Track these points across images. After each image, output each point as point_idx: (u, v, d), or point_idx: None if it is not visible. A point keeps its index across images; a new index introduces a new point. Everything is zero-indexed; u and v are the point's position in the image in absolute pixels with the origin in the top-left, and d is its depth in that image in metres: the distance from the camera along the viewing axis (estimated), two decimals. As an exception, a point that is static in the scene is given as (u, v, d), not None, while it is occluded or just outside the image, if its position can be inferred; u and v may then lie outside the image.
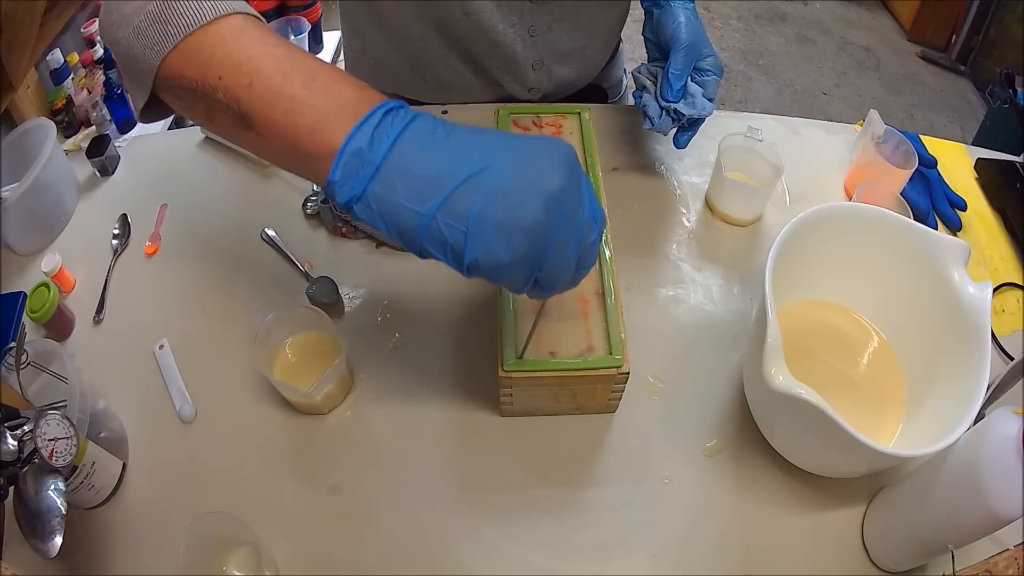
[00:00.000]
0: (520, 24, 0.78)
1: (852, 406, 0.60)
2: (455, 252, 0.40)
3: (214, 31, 0.45)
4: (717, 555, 0.57)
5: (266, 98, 0.43)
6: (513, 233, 0.39)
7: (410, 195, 0.39)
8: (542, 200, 0.39)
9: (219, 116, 0.45)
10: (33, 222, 0.76)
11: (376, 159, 0.39)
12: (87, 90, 1.67)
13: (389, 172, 0.39)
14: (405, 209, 0.39)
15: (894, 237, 0.62)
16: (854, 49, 2.70)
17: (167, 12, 0.45)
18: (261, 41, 0.45)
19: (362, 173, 0.40)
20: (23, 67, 1.40)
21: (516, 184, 0.39)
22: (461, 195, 0.39)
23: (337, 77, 0.43)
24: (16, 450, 0.49)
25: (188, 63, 0.45)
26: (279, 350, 0.65)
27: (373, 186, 0.40)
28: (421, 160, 0.39)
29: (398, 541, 0.57)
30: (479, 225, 0.39)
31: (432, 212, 0.39)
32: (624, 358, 0.57)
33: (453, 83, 0.85)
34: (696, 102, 0.71)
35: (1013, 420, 0.44)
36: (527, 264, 0.40)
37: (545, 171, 0.40)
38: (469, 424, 0.63)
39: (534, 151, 0.40)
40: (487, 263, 0.39)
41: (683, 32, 0.70)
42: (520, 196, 0.39)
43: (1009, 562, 0.47)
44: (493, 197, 0.39)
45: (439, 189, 0.39)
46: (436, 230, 0.39)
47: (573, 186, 0.41)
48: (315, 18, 2.21)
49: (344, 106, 0.41)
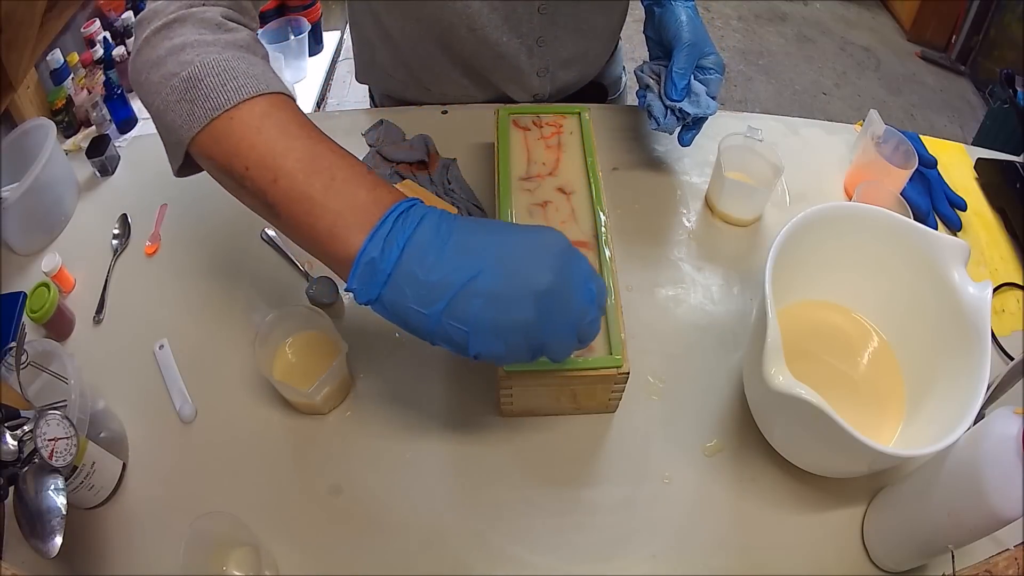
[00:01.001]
0: (529, 35, 0.78)
1: (852, 406, 0.60)
2: (460, 347, 0.43)
3: (238, 118, 0.46)
4: (717, 555, 0.57)
5: (290, 196, 0.45)
6: (508, 332, 0.42)
7: (417, 299, 0.42)
8: (531, 300, 0.42)
9: (248, 199, 0.48)
10: (33, 222, 0.76)
11: (387, 268, 0.43)
12: (87, 90, 1.68)
13: (398, 279, 0.43)
14: (414, 312, 0.43)
15: (894, 237, 0.62)
16: (854, 49, 2.70)
17: (192, 91, 0.47)
18: (284, 132, 0.46)
19: (376, 280, 0.43)
20: (23, 67, 1.40)
21: (507, 287, 0.42)
22: (460, 300, 0.42)
23: (353, 176, 0.46)
24: (16, 450, 0.49)
25: (216, 147, 0.47)
26: (279, 350, 0.65)
27: (386, 291, 0.43)
28: (425, 266, 0.42)
29: (398, 541, 0.57)
30: (477, 326, 0.42)
31: (438, 315, 0.42)
32: (624, 358, 0.57)
33: (457, 95, 0.87)
34: (700, 100, 0.71)
35: (1013, 420, 0.44)
36: (526, 351, 0.44)
37: (533, 272, 0.42)
38: (469, 424, 0.63)
39: (522, 249, 0.43)
40: (489, 355, 0.43)
41: (685, 31, 0.71)
42: (511, 299, 0.42)
43: (1009, 562, 0.47)
44: (488, 301, 0.42)
45: (442, 294, 0.42)
46: (442, 330, 0.43)
47: (561, 281, 0.43)
48: (315, 18, 2.22)
49: (358, 211, 0.44)
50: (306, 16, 2.15)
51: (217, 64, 0.47)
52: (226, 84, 0.46)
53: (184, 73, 0.47)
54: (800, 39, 2.75)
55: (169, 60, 0.48)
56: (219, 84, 0.46)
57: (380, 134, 0.85)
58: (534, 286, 0.42)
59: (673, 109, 0.72)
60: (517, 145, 0.71)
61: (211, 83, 0.46)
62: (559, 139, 0.72)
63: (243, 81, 0.47)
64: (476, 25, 0.75)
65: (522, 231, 0.45)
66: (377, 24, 0.82)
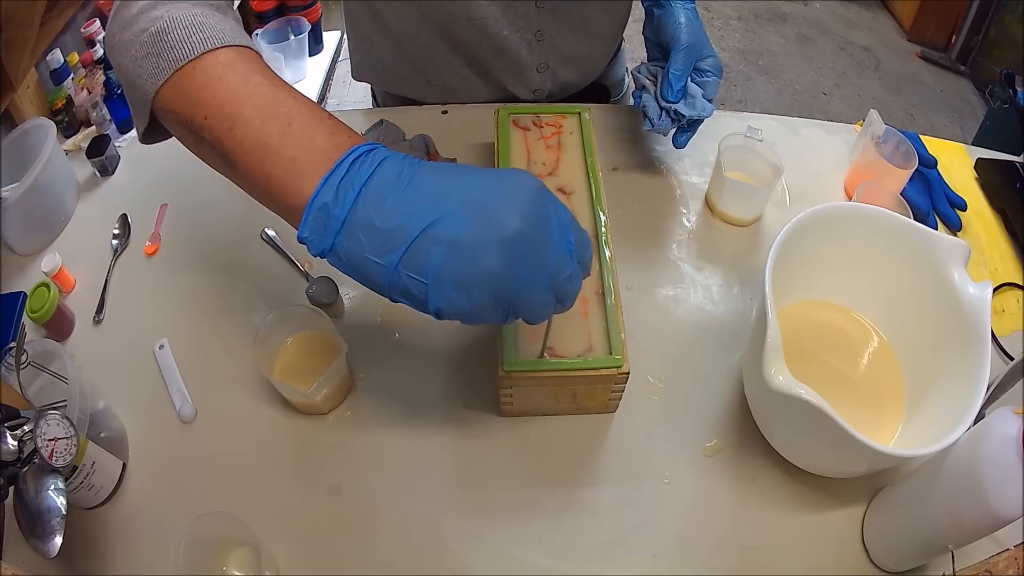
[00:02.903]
0: (527, 29, 0.78)
1: (852, 406, 0.60)
2: (419, 301, 0.40)
3: (201, 68, 0.45)
4: (717, 555, 0.57)
5: (245, 145, 0.43)
6: (472, 285, 0.39)
7: (374, 248, 0.40)
8: (498, 248, 0.38)
9: (207, 153, 0.46)
10: (33, 222, 0.76)
11: (341, 214, 0.40)
12: (87, 90, 1.68)
13: (354, 226, 0.40)
14: (370, 262, 0.40)
15: (894, 237, 0.62)
16: (854, 49, 2.70)
17: (159, 45, 0.46)
18: (246, 80, 0.45)
19: (329, 228, 0.40)
20: (23, 67, 1.40)
21: (471, 233, 0.38)
22: (418, 248, 0.39)
23: (313, 122, 0.43)
24: (16, 450, 0.49)
25: (178, 99, 0.46)
26: (279, 350, 0.65)
27: (340, 240, 0.40)
28: (383, 212, 0.39)
29: (398, 541, 0.57)
30: (438, 278, 0.39)
31: (394, 265, 0.39)
32: (624, 358, 0.57)
33: (458, 87, 0.86)
34: (696, 103, 0.71)
35: (1013, 420, 0.44)
36: (494, 309, 0.40)
37: (500, 216, 0.39)
38: (469, 424, 0.63)
39: (491, 193, 0.40)
40: (451, 312, 0.40)
41: (684, 33, 0.71)
42: (475, 247, 0.38)
43: (1009, 562, 0.47)
44: (450, 249, 0.38)
45: (399, 242, 0.39)
46: (399, 282, 0.40)
47: (534, 228, 0.40)
48: (315, 18, 2.22)
49: (315, 156, 0.42)
50: (306, 16, 2.15)
51: (185, 18, 0.47)
52: (192, 36, 0.46)
53: (153, 28, 0.46)
54: (800, 39, 2.75)
55: (141, 18, 0.48)
56: (185, 36, 0.46)
57: (380, 134, 0.85)
58: (500, 231, 0.38)
59: (668, 110, 0.72)
60: (517, 145, 0.71)
61: (178, 35, 0.46)
62: (559, 139, 0.72)
63: (209, 33, 0.46)
64: (475, 16, 0.75)
65: (492, 174, 0.42)
66: (375, 18, 0.81)
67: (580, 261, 0.43)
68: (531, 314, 0.42)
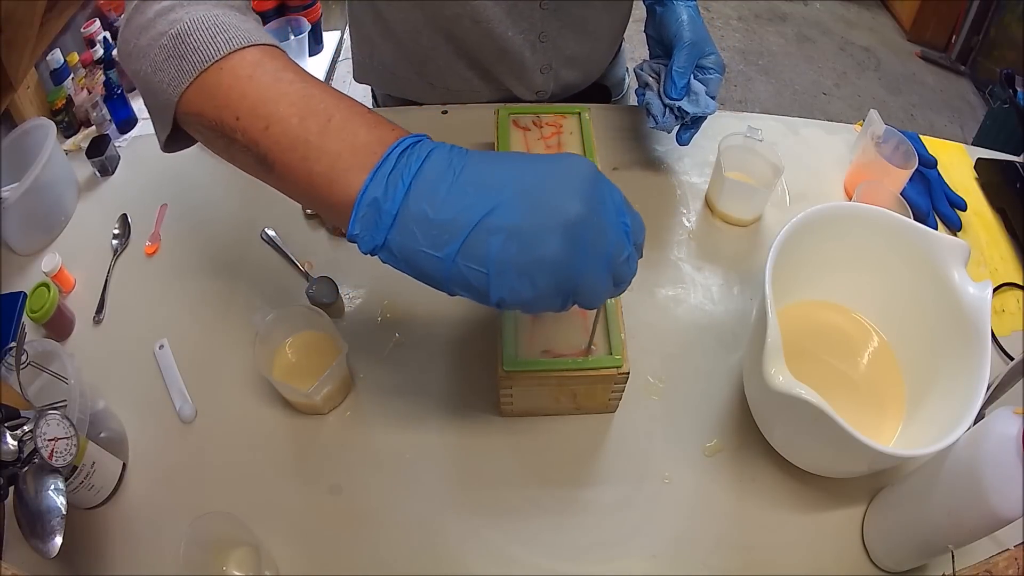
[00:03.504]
0: (531, 31, 0.78)
1: (852, 406, 0.60)
2: (481, 293, 0.39)
3: (228, 68, 0.44)
4: (717, 555, 0.57)
5: (283, 143, 0.42)
6: (534, 272, 0.38)
7: (429, 241, 0.39)
8: (559, 233, 0.38)
9: (239, 155, 0.45)
10: (33, 222, 0.76)
11: (392, 208, 0.39)
12: (87, 90, 1.68)
13: (406, 220, 0.39)
14: (426, 255, 0.39)
15: (894, 237, 0.62)
16: (854, 49, 2.70)
17: (181, 47, 0.45)
18: (277, 78, 0.44)
19: (380, 223, 0.39)
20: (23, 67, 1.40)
21: (531, 220, 0.38)
22: (477, 238, 0.38)
23: (353, 116, 0.42)
24: (16, 450, 0.49)
25: (205, 102, 0.45)
26: (279, 350, 0.65)
27: (393, 235, 0.39)
28: (436, 203, 0.38)
29: (398, 541, 0.57)
30: (499, 267, 0.38)
31: (452, 256, 0.38)
32: (624, 358, 0.57)
33: (460, 89, 0.86)
34: (700, 100, 0.71)
35: (1013, 420, 0.44)
36: (556, 296, 0.40)
37: (559, 201, 0.38)
38: (469, 424, 0.63)
39: (547, 178, 0.39)
40: (514, 301, 0.39)
41: (686, 30, 0.71)
42: (535, 233, 0.38)
43: (1009, 562, 0.47)
44: (509, 237, 0.38)
45: (456, 233, 0.38)
46: (459, 274, 0.39)
47: (592, 211, 0.39)
48: (315, 18, 2.22)
49: (358, 150, 0.41)
50: (306, 16, 2.15)
51: (207, 19, 0.45)
52: (216, 37, 0.44)
53: (173, 31, 0.45)
54: (800, 39, 2.75)
55: (158, 21, 0.46)
56: (209, 37, 0.44)
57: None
58: (562, 216, 0.38)
59: (672, 108, 0.72)
60: (517, 145, 0.71)
61: (201, 37, 0.44)
62: (559, 139, 0.72)
63: (233, 33, 0.45)
64: (480, 18, 0.75)
65: (545, 159, 0.41)
66: (378, 19, 0.81)
67: (636, 243, 0.43)
68: (591, 299, 0.41)
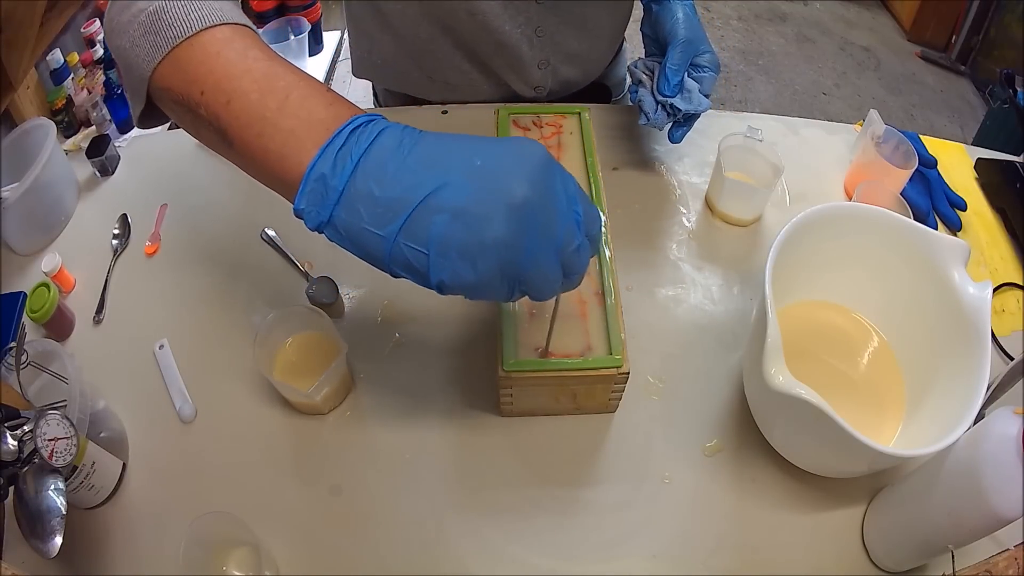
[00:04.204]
0: (527, 25, 0.78)
1: (852, 406, 0.60)
2: (421, 274, 0.39)
3: (199, 44, 0.45)
4: (717, 555, 0.57)
5: (242, 119, 0.43)
6: (476, 254, 0.37)
7: (373, 219, 0.38)
8: (503, 216, 0.37)
9: (203, 131, 0.46)
10: (33, 222, 0.76)
11: (339, 184, 0.39)
12: (87, 90, 1.68)
13: (352, 197, 0.39)
14: (369, 233, 0.39)
15: (894, 237, 0.62)
16: (854, 49, 2.70)
17: (157, 23, 0.46)
18: (243, 55, 0.44)
19: (327, 199, 0.39)
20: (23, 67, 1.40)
21: (476, 201, 0.37)
22: (420, 217, 0.37)
23: (312, 94, 0.43)
24: (16, 450, 0.49)
25: (175, 76, 0.45)
26: (279, 350, 0.65)
27: (338, 212, 0.39)
28: (382, 181, 0.38)
29: (398, 541, 0.57)
30: (440, 248, 0.37)
31: (393, 235, 0.38)
32: (624, 358, 0.57)
33: (460, 82, 0.86)
34: (692, 97, 0.72)
35: (1013, 420, 0.44)
36: (500, 282, 0.39)
37: (506, 183, 0.37)
38: (469, 424, 0.63)
39: (497, 160, 0.39)
40: (455, 284, 0.39)
41: (681, 28, 0.71)
42: (480, 214, 0.37)
43: (1009, 562, 0.47)
44: (453, 217, 0.37)
45: (399, 211, 0.38)
46: (400, 254, 0.38)
47: (541, 195, 0.38)
48: (315, 18, 2.22)
49: (313, 127, 0.41)
50: (306, 16, 2.15)
51: None
52: (190, 13, 0.45)
53: (151, 8, 0.46)
54: (800, 39, 2.75)
55: None
56: (184, 14, 0.45)
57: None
58: (507, 198, 0.37)
59: (664, 105, 0.72)
60: (517, 145, 0.71)
61: (176, 13, 0.45)
62: (559, 139, 0.72)
63: (208, 11, 0.46)
64: (476, 10, 0.75)
65: (497, 142, 0.40)
66: (376, 14, 0.81)
67: (589, 234, 0.42)
68: (538, 288, 0.40)
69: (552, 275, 0.40)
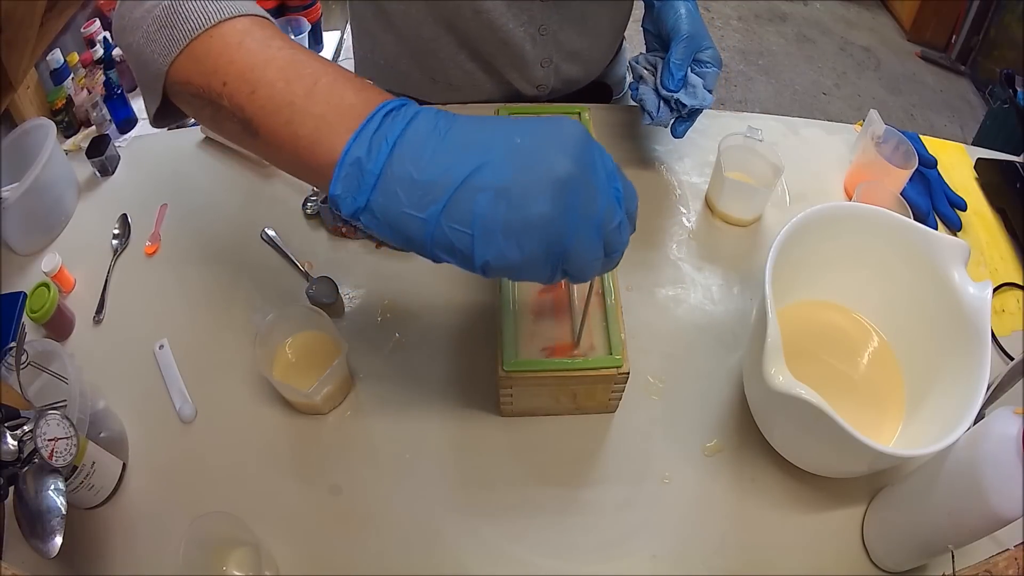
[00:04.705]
0: (530, 23, 0.78)
1: (852, 406, 0.60)
2: (465, 256, 0.38)
3: (219, 35, 0.44)
4: (717, 555, 0.57)
5: (268, 107, 0.42)
6: (521, 233, 0.37)
7: (412, 202, 0.38)
8: (548, 193, 0.37)
9: (226, 123, 0.45)
10: (33, 222, 0.76)
11: (375, 168, 0.38)
12: (87, 90, 1.68)
13: (389, 181, 0.38)
14: (409, 217, 0.38)
15: (894, 237, 0.62)
16: (854, 49, 2.70)
17: (173, 16, 0.45)
18: (265, 45, 0.44)
19: (363, 184, 0.38)
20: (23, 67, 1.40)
21: (518, 179, 0.37)
22: (462, 197, 0.37)
23: (340, 80, 0.42)
24: (16, 450, 0.49)
25: (195, 69, 0.45)
26: (279, 350, 0.65)
27: (376, 196, 0.38)
28: (420, 164, 0.38)
29: (398, 541, 0.57)
30: (484, 228, 0.37)
31: (435, 218, 0.37)
32: (624, 358, 0.57)
33: (463, 82, 0.86)
34: (697, 92, 0.71)
35: (1013, 420, 0.44)
36: (544, 260, 0.38)
37: (548, 160, 0.37)
38: (469, 424, 0.63)
39: (536, 138, 0.38)
40: (500, 265, 0.38)
41: (684, 23, 0.71)
42: (523, 192, 0.36)
43: (1009, 562, 0.47)
44: (497, 196, 0.37)
45: (440, 193, 0.37)
46: (442, 236, 0.38)
47: (583, 171, 0.38)
48: (315, 18, 2.22)
49: (344, 113, 0.40)
50: (306, 16, 2.15)
51: None
52: (207, 6, 0.45)
53: (165, 3, 0.46)
54: (800, 39, 2.75)
55: None
56: (201, 7, 0.45)
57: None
58: (552, 174, 0.37)
59: (668, 100, 0.72)
60: (517, 145, 0.71)
61: (193, 7, 0.45)
62: (559, 139, 0.72)
63: (224, 3, 0.45)
64: (480, 8, 0.75)
65: (534, 120, 0.40)
66: (379, 13, 0.81)
67: (628, 212, 0.41)
68: (580, 267, 0.40)
69: (594, 253, 0.40)
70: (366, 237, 0.76)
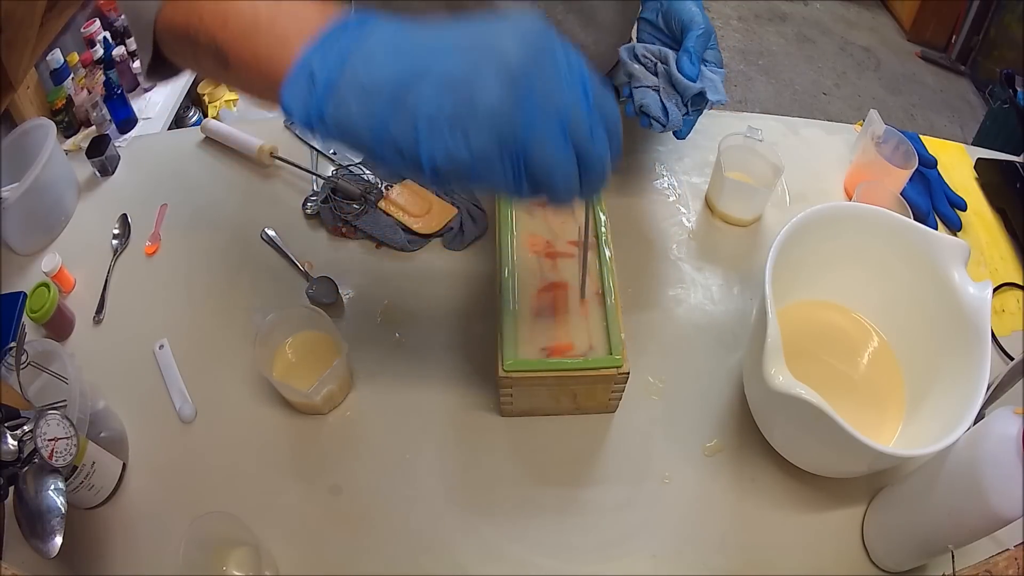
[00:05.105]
0: None
1: (852, 406, 0.60)
2: (412, 158, 0.36)
3: None
4: (717, 555, 0.57)
5: (236, 33, 0.42)
6: (469, 124, 0.34)
7: (362, 108, 0.36)
8: (495, 80, 0.34)
9: (203, 59, 0.46)
10: (33, 222, 0.76)
11: (327, 77, 0.37)
12: (87, 90, 1.68)
13: (341, 87, 0.36)
14: (358, 121, 0.36)
15: (894, 237, 0.62)
16: (854, 49, 2.70)
17: None
18: None
19: (314, 93, 0.37)
20: (23, 67, 1.40)
21: (466, 68, 0.34)
22: (408, 91, 0.35)
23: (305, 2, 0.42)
24: (16, 450, 0.49)
25: (176, 11, 0.47)
26: (279, 350, 0.65)
27: (327, 105, 0.37)
28: (372, 69, 0.36)
29: (398, 541, 0.57)
30: (430, 121, 0.34)
31: (382, 116, 0.35)
32: (624, 358, 0.57)
33: None
34: (717, 87, 0.67)
35: (1013, 420, 0.44)
36: (499, 158, 0.35)
37: (500, 48, 0.34)
38: (469, 424, 0.63)
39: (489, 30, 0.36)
40: (449, 165, 0.35)
41: (700, 18, 0.68)
42: (470, 80, 0.34)
43: (1009, 562, 0.47)
44: (443, 87, 0.34)
45: (386, 92, 0.35)
46: (388, 136, 0.36)
47: (538, 58, 0.35)
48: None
49: (304, 30, 0.39)
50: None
51: None
52: None
53: None
54: (800, 39, 2.75)
55: None
56: None
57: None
58: (502, 60, 0.34)
59: (683, 97, 0.66)
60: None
61: None
62: (559, 139, 0.72)
63: None
64: None
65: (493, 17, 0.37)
66: (384, 8, 0.81)
67: (607, 125, 0.38)
68: (547, 169, 0.36)
69: (560, 153, 0.36)
70: (366, 237, 0.76)
